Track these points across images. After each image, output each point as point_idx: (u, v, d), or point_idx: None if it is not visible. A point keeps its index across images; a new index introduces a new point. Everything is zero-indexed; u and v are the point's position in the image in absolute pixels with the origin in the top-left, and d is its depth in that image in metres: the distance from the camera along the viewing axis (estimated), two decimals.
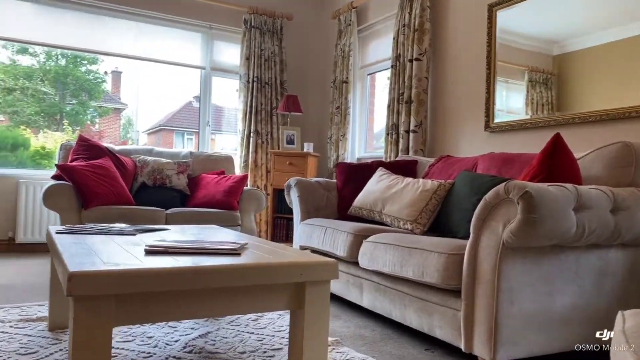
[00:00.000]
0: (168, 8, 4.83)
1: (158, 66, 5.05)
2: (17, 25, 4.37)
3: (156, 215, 3.56)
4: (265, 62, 5.15)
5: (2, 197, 4.18)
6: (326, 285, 1.59)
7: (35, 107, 5.68)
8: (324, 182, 3.38)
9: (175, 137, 10.97)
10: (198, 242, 1.72)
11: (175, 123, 10.76)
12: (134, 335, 2.13)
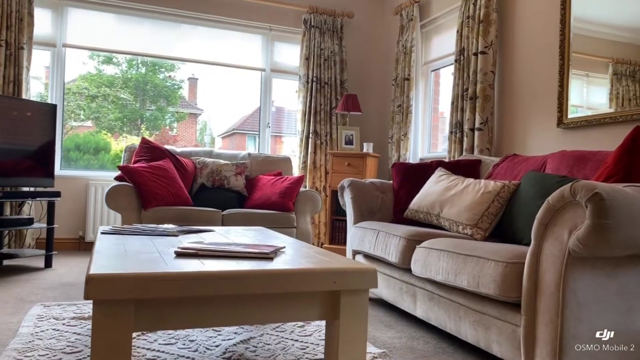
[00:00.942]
0: (229, 11, 4.88)
1: (228, 71, 5.15)
2: (103, 36, 4.60)
3: (212, 216, 3.57)
4: (325, 62, 5.07)
5: (73, 197, 4.40)
6: (363, 295, 1.46)
7: (117, 113, 5.99)
8: (379, 184, 3.23)
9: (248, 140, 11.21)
10: (232, 245, 1.65)
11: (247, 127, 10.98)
12: (177, 337, 2.10)
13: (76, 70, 5.30)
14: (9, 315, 2.36)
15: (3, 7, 4.01)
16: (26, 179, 3.70)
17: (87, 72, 5.32)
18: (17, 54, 4.06)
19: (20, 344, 1.97)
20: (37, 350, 1.90)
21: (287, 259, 1.54)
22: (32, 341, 2.01)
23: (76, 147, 5.34)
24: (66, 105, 5.13)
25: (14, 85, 4.06)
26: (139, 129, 6.39)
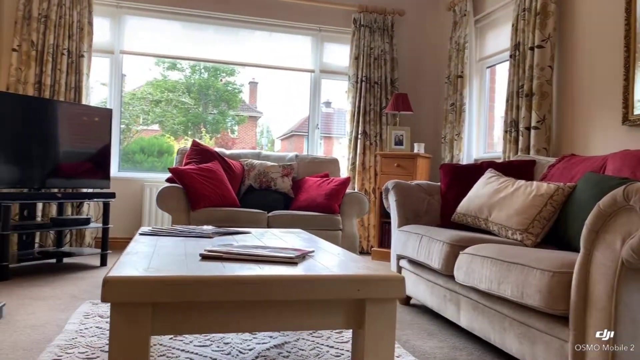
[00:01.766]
0: (280, 14, 4.90)
1: (283, 73, 5.22)
2: (168, 43, 4.78)
3: (258, 218, 3.58)
4: (375, 61, 4.98)
5: (130, 198, 4.56)
6: (390, 304, 1.38)
7: (181, 117, 6.21)
8: (425, 186, 3.11)
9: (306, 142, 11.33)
10: (259, 249, 1.62)
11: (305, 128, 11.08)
12: (213, 339, 2.10)
13: (143, 77, 5.53)
14: (59, 312, 2.46)
15: (65, 18, 4.22)
16: (85, 181, 3.87)
17: (153, 78, 5.52)
18: (77, 62, 4.27)
19: (63, 340, 2.04)
20: (78, 348, 1.96)
21: (311, 265, 1.49)
22: (75, 338, 2.07)
23: (141, 150, 5.57)
24: (131, 110, 5.35)
25: (75, 91, 4.27)
26: (201, 132, 6.57)
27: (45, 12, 4.19)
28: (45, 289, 2.92)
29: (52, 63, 4.19)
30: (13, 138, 3.41)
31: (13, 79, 4.10)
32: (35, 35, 4.14)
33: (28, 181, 3.50)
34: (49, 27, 4.17)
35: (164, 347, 2.00)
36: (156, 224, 4.54)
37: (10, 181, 3.39)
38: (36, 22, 4.15)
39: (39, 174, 3.55)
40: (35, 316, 2.38)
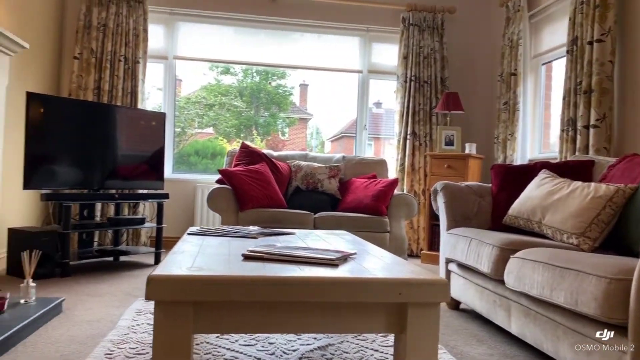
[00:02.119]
0: (328, 15, 4.91)
1: (332, 75, 5.25)
2: (221, 47, 4.91)
3: (305, 219, 3.60)
4: (425, 60, 4.89)
5: (184, 199, 4.70)
6: (433, 309, 1.34)
7: (234, 120, 6.37)
8: (476, 187, 3.02)
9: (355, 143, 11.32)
10: (300, 250, 1.62)
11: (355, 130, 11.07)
12: (258, 339, 2.12)
13: (198, 82, 5.70)
14: (114, 308, 2.56)
15: (122, 26, 4.41)
16: (140, 182, 4.03)
17: (208, 82, 5.68)
18: (133, 68, 4.44)
19: (116, 335, 2.12)
20: (129, 343, 2.03)
21: (352, 267, 1.47)
22: (127, 334, 2.15)
23: (196, 152, 5.75)
24: (187, 114, 5.53)
25: (131, 96, 4.44)
26: (252, 135, 6.71)
27: (104, 21, 4.39)
28: (102, 286, 3.06)
29: (110, 69, 4.38)
30: (75, 142, 3.59)
31: (74, 85, 4.32)
32: (94, 43, 4.35)
33: (88, 183, 3.67)
34: (107, 35, 4.37)
35: (210, 345, 2.04)
36: (208, 223, 4.66)
37: (73, 182, 3.57)
38: (95, 31, 4.36)
39: (98, 175, 3.73)
40: (91, 312, 2.49)
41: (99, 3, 4.39)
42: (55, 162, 3.45)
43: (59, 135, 3.49)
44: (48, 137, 3.41)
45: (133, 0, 4.44)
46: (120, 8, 4.42)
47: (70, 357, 1.87)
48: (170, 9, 4.71)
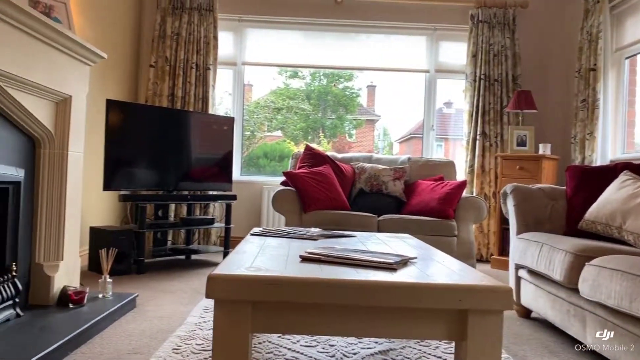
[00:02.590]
0: (395, 15, 4.86)
1: (399, 75, 5.21)
2: (289, 52, 5.01)
3: (368, 222, 3.57)
4: (495, 58, 4.71)
5: (251, 200, 4.83)
6: (496, 317, 1.28)
7: (301, 123, 6.49)
8: (549, 190, 2.86)
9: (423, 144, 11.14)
10: (359, 253, 1.60)
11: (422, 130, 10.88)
12: (319, 341, 2.13)
13: (268, 86, 5.85)
14: (183, 305, 2.67)
15: (194, 35, 4.60)
16: (211, 184, 4.18)
17: (277, 86, 5.81)
18: (204, 74, 4.62)
19: (184, 331, 2.20)
20: (196, 339, 2.10)
21: (411, 271, 1.44)
22: (194, 330, 2.23)
23: (264, 155, 5.90)
24: (256, 117, 5.68)
25: (202, 101, 4.63)
26: (319, 137, 6.78)
27: (177, 30, 4.60)
28: (173, 283, 3.20)
29: (183, 76, 4.59)
30: (151, 146, 3.79)
31: (150, 92, 4.56)
32: (168, 51, 4.57)
33: (163, 184, 3.86)
34: (180, 43, 4.58)
35: (272, 344, 2.08)
36: (273, 224, 4.74)
37: (149, 184, 3.77)
38: (169, 40, 4.58)
39: (172, 177, 3.91)
40: (162, 308, 2.61)
41: (173, 13, 4.61)
42: (133, 165, 3.66)
43: (136, 139, 3.70)
44: (126, 141, 3.62)
45: (204, 9, 4.62)
46: (192, 17, 4.61)
47: (141, 350, 1.97)
48: (239, 16, 4.85)
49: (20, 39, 1.99)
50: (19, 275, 2.15)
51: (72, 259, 2.50)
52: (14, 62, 1.95)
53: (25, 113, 2.14)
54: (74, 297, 2.29)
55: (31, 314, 2.16)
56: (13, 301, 2.06)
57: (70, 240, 2.47)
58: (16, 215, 2.17)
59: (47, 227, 2.36)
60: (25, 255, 2.26)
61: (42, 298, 2.30)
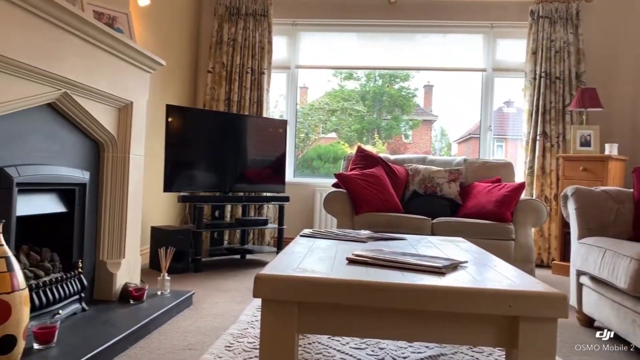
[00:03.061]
0: (451, 14, 4.77)
1: (457, 75, 5.11)
2: (343, 54, 5.05)
3: (422, 224, 3.52)
4: (556, 54, 4.51)
5: (304, 201, 4.88)
6: (549, 325, 1.23)
7: (356, 125, 6.50)
8: (614, 192, 2.70)
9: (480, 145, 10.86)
10: (408, 256, 1.59)
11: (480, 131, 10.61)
12: (368, 343, 2.13)
13: (323, 88, 5.90)
14: (236, 304, 2.74)
15: (249, 40, 4.72)
16: (265, 185, 4.26)
17: (332, 88, 5.85)
18: (259, 79, 4.72)
19: (236, 329, 2.26)
20: (247, 338, 2.15)
21: (460, 276, 1.41)
22: (246, 328, 2.28)
23: (318, 157, 5.94)
24: (310, 119, 5.74)
25: (257, 105, 4.73)
26: (374, 138, 6.75)
27: (233, 36, 4.73)
28: (228, 282, 3.29)
29: (239, 81, 4.71)
30: (208, 148, 3.92)
31: (208, 97, 4.71)
32: (225, 57, 4.70)
33: (220, 186, 3.99)
34: (236, 49, 4.70)
35: (321, 345, 2.09)
36: (326, 226, 4.77)
37: (206, 185, 3.91)
38: (226, 46, 4.71)
39: (228, 179, 4.02)
40: (217, 306, 2.69)
41: (229, 20, 4.74)
42: (191, 167, 3.80)
43: (194, 142, 3.84)
44: (184, 144, 3.76)
45: (259, 15, 4.73)
46: (248, 23, 4.73)
47: (195, 346, 2.04)
48: (293, 20, 4.92)
49: (86, 49, 2.12)
50: (85, 271, 2.29)
51: (133, 257, 2.63)
52: (80, 71, 2.08)
53: (91, 119, 2.27)
54: (135, 294, 2.41)
55: (95, 308, 2.29)
56: (79, 296, 2.19)
57: (131, 239, 2.59)
58: (82, 215, 2.31)
59: (110, 226, 2.49)
60: (90, 252, 2.40)
61: (105, 294, 2.44)
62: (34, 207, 2.02)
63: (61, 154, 2.15)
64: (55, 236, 2.24)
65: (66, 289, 2.08)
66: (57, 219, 2.22)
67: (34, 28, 1.79)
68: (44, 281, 1.97)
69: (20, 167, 1.85)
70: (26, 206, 1.95)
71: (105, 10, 2.38)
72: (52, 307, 1.99)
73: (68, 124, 2.19)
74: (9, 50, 1.67)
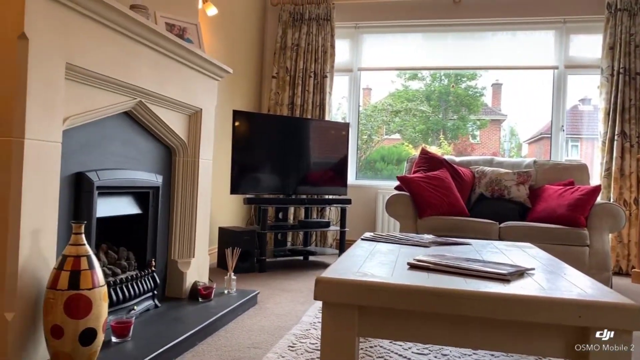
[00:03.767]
0: (517, 10, 4.61)
1: (527, 73, 4.94)
2: (406, 55, 5.02)
3: (488, 229, 3.42)
4: (637, 49, 4.24)
5: (366, 204, 4.88)
6: (623, 337, 1.17)
7: (421, 125, 6.43)
8: None
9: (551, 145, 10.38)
10: (471, 262, 1.56)
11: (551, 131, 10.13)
12: (431, 349, 2.10)
13: (386, 89, 5.87)
14: (299, 304, 2.79)
15: (312, 44, 4.79)
16: (327, 188, 4.31)
17: (395, 89, 5.81)
18: (321, 82, 4.78)
19: (299, 330, 2.31)
20: (310, 339, 2.19)
21: (526, 283, 1.36)
22: (308, 329, 2.32)
23: (382, 158, 5.92)
24: (373, 121, 5.74)
25: (320, 108, 4.79)
26: (439, 139, 6.64)
27: (296, 41, 4.82)
28: (291, 282, 3.35)
29: (302, 85, 4.79)
30: (273, 152, 4.02)
31: (272, 101, 4.83)
32: (289, 62, 4.80)
33: (284, 188, 4.07)
34: (300, 54, 4.78)
35: (383, 349, 2.09)
36: (388, 229, 4.74)
37: (271, 188, 4.01)
38: (290, 51, 4.81)
39: (291, 182, 4.11)
40: (280, 306, 2.75)
41: (293, 25, 4.83)
42: (256, 170, 3.91)
43: (259, 146, 3.95)
44: (250, 148, 3.88)
45: (322, 19, 4.78)
46: (311, 28, 4.80)
47: (260, 345, 2.10)
48: (355, 23, 4.94)
49: (158, 59, 2.24)
50: (157, 270, 2.42)
51: (202, 257, 2.74)
52: (153, 80, 2.21)
53: (163, 125, 2.40)
54: (203, 292, 2.51)
55: (167, 305, 2.41)
56: (152, 293, 2.32)
57: (200, 239, 2.71)
58: (155, 217, 2.44)
59: (181, 227, 2.62)
60: (162, 252, 2.54)
61: (176, 291, 2.56)
62: (112, 209, 2.16)
63: (136, 158, 2.28)
64: (130, 236, 2.38)
65: (141, 286, 2.21)
66: (133, 220, 2.36)
67: (112, 41, 1.92)
68: (120, 278, 2.10)
69: (100, 171, 1.98)
70: (105, 208, 2.09)
71: (176, 22, 2.50)
72: (128, 303, 2.12)
73: (143, 130, 2.33)
74: (92, 63, 1.80)
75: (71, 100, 1.76)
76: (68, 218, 1.83)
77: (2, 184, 1.51)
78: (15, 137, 1.51)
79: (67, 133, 1.78)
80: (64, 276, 1.55)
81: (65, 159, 1.77)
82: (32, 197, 1.57)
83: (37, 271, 1.59)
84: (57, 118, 1.67)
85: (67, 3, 1.65)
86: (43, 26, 1.57)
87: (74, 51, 1.72)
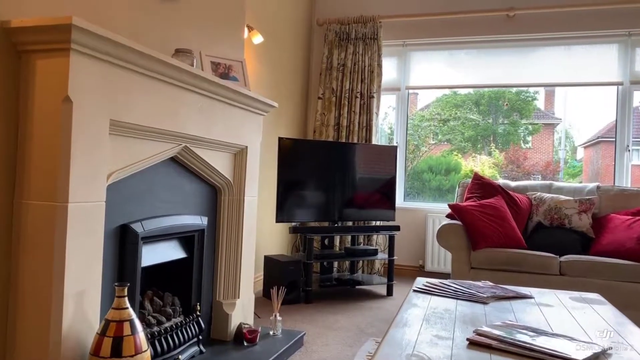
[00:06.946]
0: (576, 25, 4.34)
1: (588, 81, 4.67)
2: (458, 72, 4.83)
3: (547, 263, 3.20)
4: None
5: (414, 228, 4.71)
6: None
7: (470, 132, 6.21)
8: None
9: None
10: (538, 336, 1.41)
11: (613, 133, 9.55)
12: None
13: (433, 94, 5.68)
14: (346, 347, 2.69)
15: (359, 64, 4.68)
16: (374, 212, 4.17)
17: (442, 94, 5.61)
18: (368, 103, 4.66)
19: None
20: None
21: None
22: None
23: (429, 169, 5.73)
24: (420, 131, 5.58)
25: (366, 130, 4.67)
26: (490, 146, 6.38)
27: (342, 61, 4.73)
28: (338, 317, 3.25)
29: (348, 106, 4.69)
30: (317, 178, 3.94)
31: (318, 122, 4.75)
32: (335, 83, 4.72)
33: (329, 215, 3.98)
34: (346, 74, 4.69)
35: None
36: (439, 257, 4.56)
37: (315, 215, 3.92)
38: (336, 71, 4.72)
39: (338, 206, 4.01)
40: (327, 348, 2.65)
41: (339, 45, 4.75)
42: (301, 197, 3.84)
43: (304, 173, 3.87)
44: (295, 175, 3.81)
45: (368, 38, 4.67)
46: (357, 47, 4.70)
47: None
48: (403, 40, 4.80)
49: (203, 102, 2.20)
50: (202, 312, 2.38)
51: (247, 297, 2.69)
52: (198, 124, 2.17)
53: (208, 167, 2.36)
54: (248, 336, 2.45)
55: (211, 350, 2.36)
56: (197, 338, 2.28)
57: (245, 279, 2.66)
58: (200, 259, 2.40)
59: (226, 267, 2.57)
60: (207, 294, 2.49)
61: (221, 333, 2.51)
62: (157, 256, 2.13)
63: (182, 202, 2.25)
64: (176, 280, 2.35)
65: (185, 334, 2.17)
66: (178, 264, 2.33)
67: (157, 91, 1.89)
68: (165, 328, 2.07)
69: (145, 221, 1.96)
70: (150, 255, 2.06)
71: (221, 61, 2.47)
72: (173, 352, 2.08)
73: (187, 173, 2.30)
74: (137, 117, 1.77)
75: (116, 155, 1.74)
76: (113, 270, 1.81)
77: (46, 249, 1.49)
78: (60, 202, 1.49)
79: (112, 186, 1.75)
80: (107, 342, 1.51)
81: (110, 211, 1.75)
82: (76, 259, 1.54)
83: (80, 335, 1.56)
84: (101, 177, 1.64)
85: (111, 60, 1.62)
86: (87, 86, 1.55)
87: (119, 107, 1.69)
